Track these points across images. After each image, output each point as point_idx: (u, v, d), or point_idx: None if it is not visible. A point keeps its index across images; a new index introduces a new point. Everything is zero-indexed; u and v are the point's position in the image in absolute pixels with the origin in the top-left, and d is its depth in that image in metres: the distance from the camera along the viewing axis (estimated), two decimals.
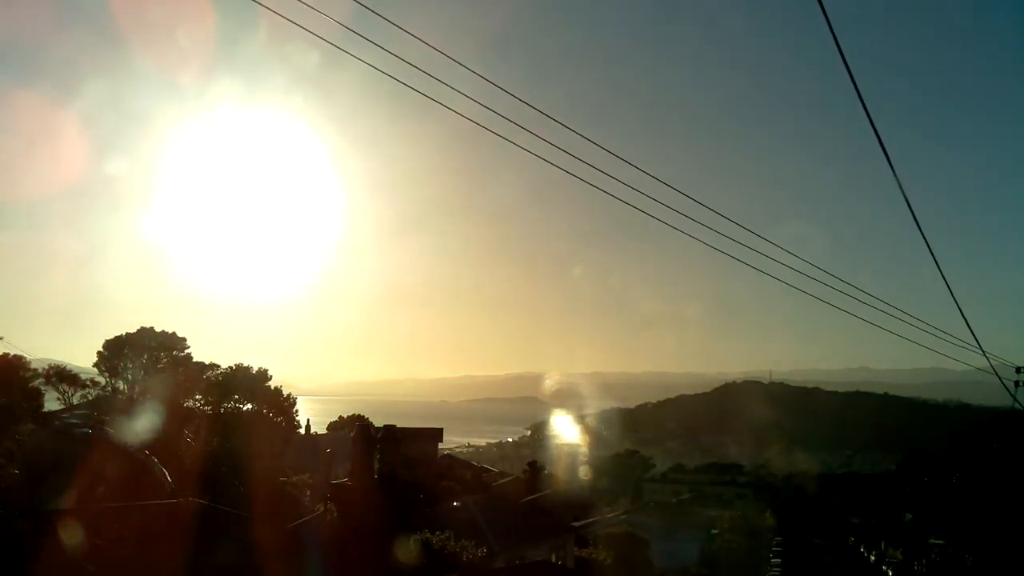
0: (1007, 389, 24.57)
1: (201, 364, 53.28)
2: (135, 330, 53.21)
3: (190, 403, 48.87)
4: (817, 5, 7.24)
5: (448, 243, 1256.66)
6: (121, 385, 52.60)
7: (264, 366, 53.84)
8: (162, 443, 37.84)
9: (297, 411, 55.64)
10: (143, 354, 52.44)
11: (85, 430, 33.50)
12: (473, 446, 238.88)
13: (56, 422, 36.33)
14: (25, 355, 47.04)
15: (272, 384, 53.45)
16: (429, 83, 10.26)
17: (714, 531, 73.94)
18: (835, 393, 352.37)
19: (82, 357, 57.73)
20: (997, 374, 23.04)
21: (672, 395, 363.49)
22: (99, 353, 52.04)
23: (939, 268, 14.89)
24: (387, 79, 10.13)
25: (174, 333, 53.96)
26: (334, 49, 10.05)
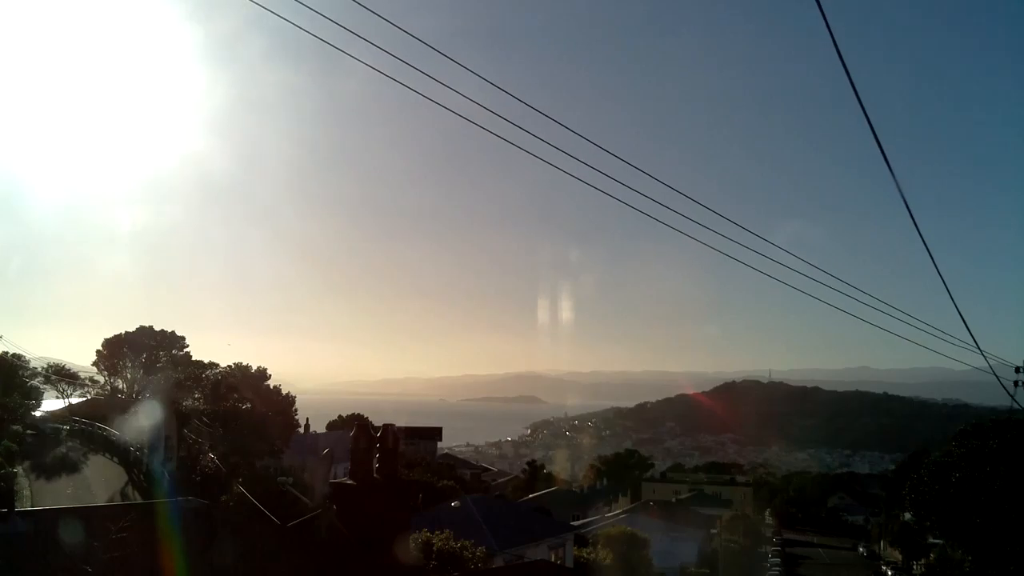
0: (1006, 389, 24.58)
1: (200, 363, 53.20)
2: (134, 329, 53.18)
3: (189, 402, 48.75)
4: (816, 5, 7.24)
5: (449, 243, 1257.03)
6: (120, 384, 52.58)
7: (264, 365, 53.69)
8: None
9: (297, 411, 55.48)
10: (142, 353, 52.40)
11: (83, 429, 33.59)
12: (473, 446, 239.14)
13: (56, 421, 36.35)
14: (24, 354, 46.94)
15: (272, 383, 53.32)
16: (429, 83, 10.27)
17: (714, 531, 73.96)
18: (835, 393, 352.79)
19: (81, 356, 57.73)
20: (996, 374, 23.02)
21: (672, 395, 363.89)
22: (98, 352, 52.02)
23: (937, 268, 14.88)
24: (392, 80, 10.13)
25: (173, 332, 53.96)
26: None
